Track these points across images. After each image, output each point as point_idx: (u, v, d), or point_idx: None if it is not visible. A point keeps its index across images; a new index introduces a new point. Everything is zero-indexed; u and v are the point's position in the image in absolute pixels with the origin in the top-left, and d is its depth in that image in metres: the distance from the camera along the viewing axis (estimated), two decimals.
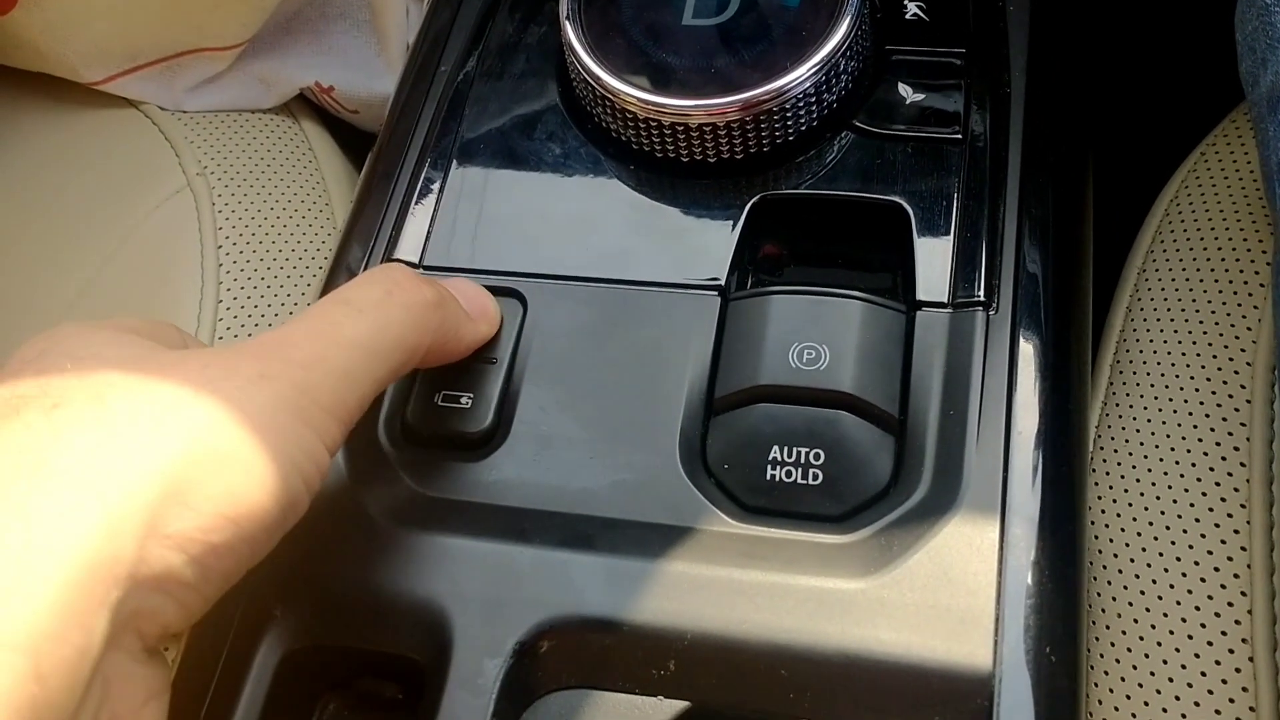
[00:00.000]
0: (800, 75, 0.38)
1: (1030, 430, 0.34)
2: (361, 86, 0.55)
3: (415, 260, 0.40)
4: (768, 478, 0.34)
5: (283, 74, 0.54)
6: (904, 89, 0.40)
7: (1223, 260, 0.41)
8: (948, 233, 0.37)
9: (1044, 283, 0.36)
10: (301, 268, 0.49)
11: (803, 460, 0.34)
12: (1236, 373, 0.38)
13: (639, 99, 0.38)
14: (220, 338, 0.46)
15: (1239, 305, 0.39)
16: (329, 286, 0.40)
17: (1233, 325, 0.39)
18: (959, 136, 0.39)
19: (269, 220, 0.50)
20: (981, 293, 0.36)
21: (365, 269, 0.40)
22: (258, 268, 0.48)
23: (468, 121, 0.43)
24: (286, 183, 0.51)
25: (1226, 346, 0.38)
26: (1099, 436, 0.40)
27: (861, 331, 0.35)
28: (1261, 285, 0.39)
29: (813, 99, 0.39)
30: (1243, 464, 0.36)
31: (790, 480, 0.34)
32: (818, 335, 0.35)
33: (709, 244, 0.38)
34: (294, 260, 0.49)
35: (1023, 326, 0.35)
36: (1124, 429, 0.39)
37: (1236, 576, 0.34)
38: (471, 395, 0.36)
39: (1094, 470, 0.39)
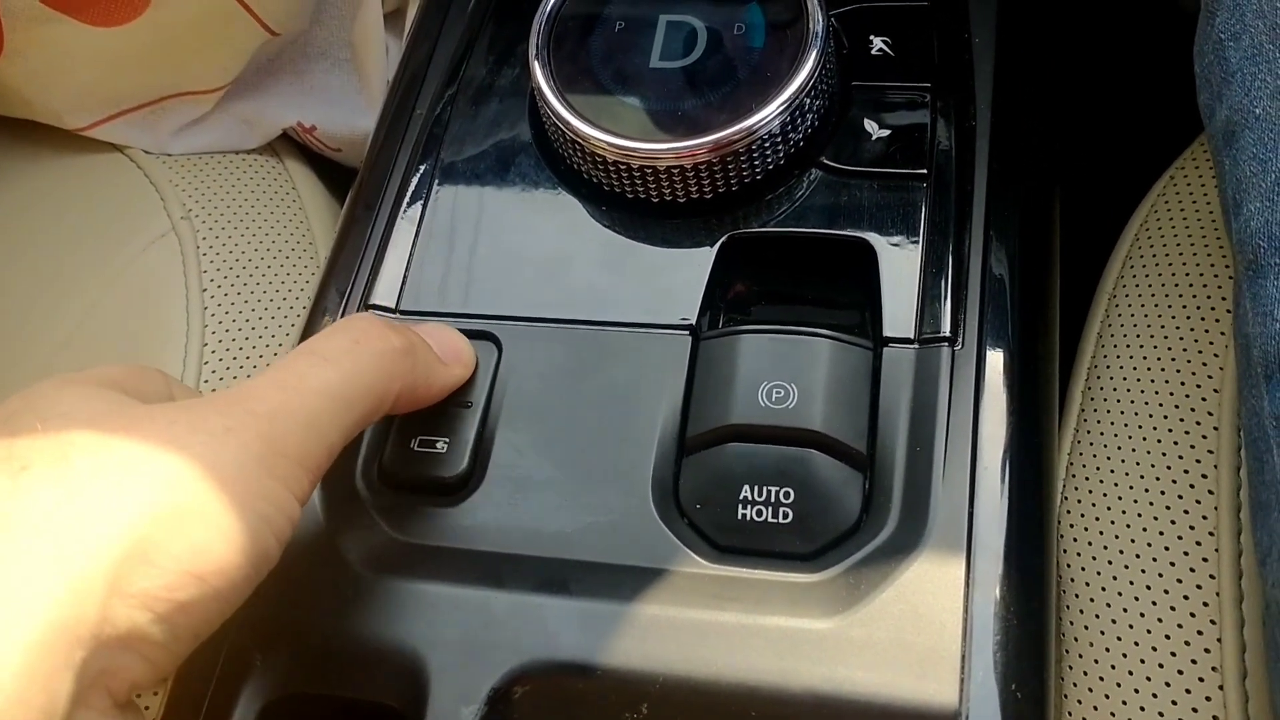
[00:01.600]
0: (766, 115, 0.39)
1: (996, 465, 0.34)
2: (344, 125, 0.56)
3: (392, 305, 0.40)
4: (739, 517, 0.34)
5: (265, 115, 0.55)
6: (870, 125, 0.41)
7: (1190, 286, 0.41)
8: (914, 269, 0.38)
9: (1009, 317, 0.37)
10: (286, 308, 0.49)
11: (773, 499, 0.35)
12: (1204, 399, 0.38)
13: (608, 143, 0.39)
14: (206, 381, 0.47)
15: (1206, 332, 0.40)
16: (307, 333, 0.41)
17: (1200, 353, 0.39)
18: (924, 172, 0.39)
19: (253, 261, 0.50)
20: (947, 328, 0.36)
21: (343, 314, 0.41)
22: (242, 309, 0.49)
23: (443, 164, 0.43)
24: (271, 223, 0.52)
25: (1194, 374, 0.39)
26: (1070, 465, 0.40)
27: (829, 369, 0.36)
28: (1228, 312, 0.39)
29: (779, 138, 0.39)
30: (1210, 491, 0.36)
31: (761, 519, 0.34)
32: (786, 374, 0.36)
33: (680, 284, 0.39)
34: (278, 301, 0.49)
35: (987, 362, 0.36)
36: (1095, 456, 0.39)
37: (1205, 605, 0.35)
38: (447, 440, 0.37)
39: (1065, 499, 0.39)
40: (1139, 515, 0.37)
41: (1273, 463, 0.31)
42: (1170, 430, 0.38)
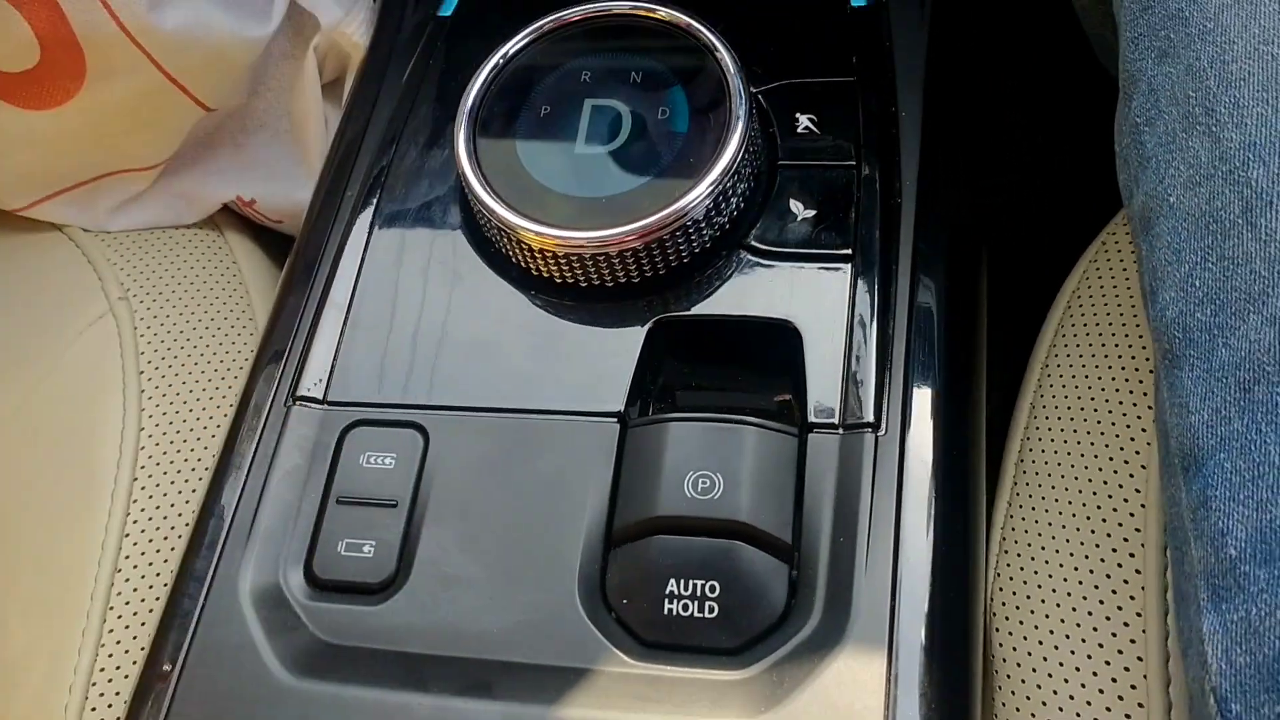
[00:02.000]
0: (692, 201, 0.39)
1: (919, 557, 0.34)
2: (283, 197, 0.55)
3: (320, 396, 0.40)
4: (665, 612, 0.34)
5: (204, 190, 0.54)
6: (796, 205, 0.41)
7: (1120, 359, 0.41)
8: (839, 352, 0.38)
9: (933, 401, 0.37)
10: (224, 388, 0.49)
11: (699, 593, 0.34)
12: (1132, 475, 0.38)
13: (534, 231, 0.39)
14: (143, 467, 0.46)
15: (1135, 405, 0.40)
16: (236, 426, 0.41)
17: (1129, 427, 0.39)
18: (848, 253, 0.39)
19: (191, 341, 0.50)
20: (871, 414, 0.36)
21: (271, 407, 0.40)
22: (180, 391, 0.48)
23: (372, 248, 0.43)
24: (210, 300, 0.52)
25: (1123, 449, 0.39)
26: (1004, 539, 0.40)
27: (754, 458, 0.36)
28: None
29: (704, 223, 0.39)
30: (1138, 571, 0.36)
31: (687, 614, 0.34)
32: (712, 463, 0.36)
33: (608, 369, 0.39)
34: (216, 380, 0.49)
35: (910, 448, 0.36)
36: (1027, 532, 0.39)
37: (1134, 688, 0.35)
38: (374, 541, 0.36)
39: (999, 574, 0.39)
40: (1069, 595, 0.37)
41: (1190, 555, 0.31)
42: (1099, 507, 0.38)
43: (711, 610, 0.34)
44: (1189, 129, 0.32)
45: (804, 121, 0.42)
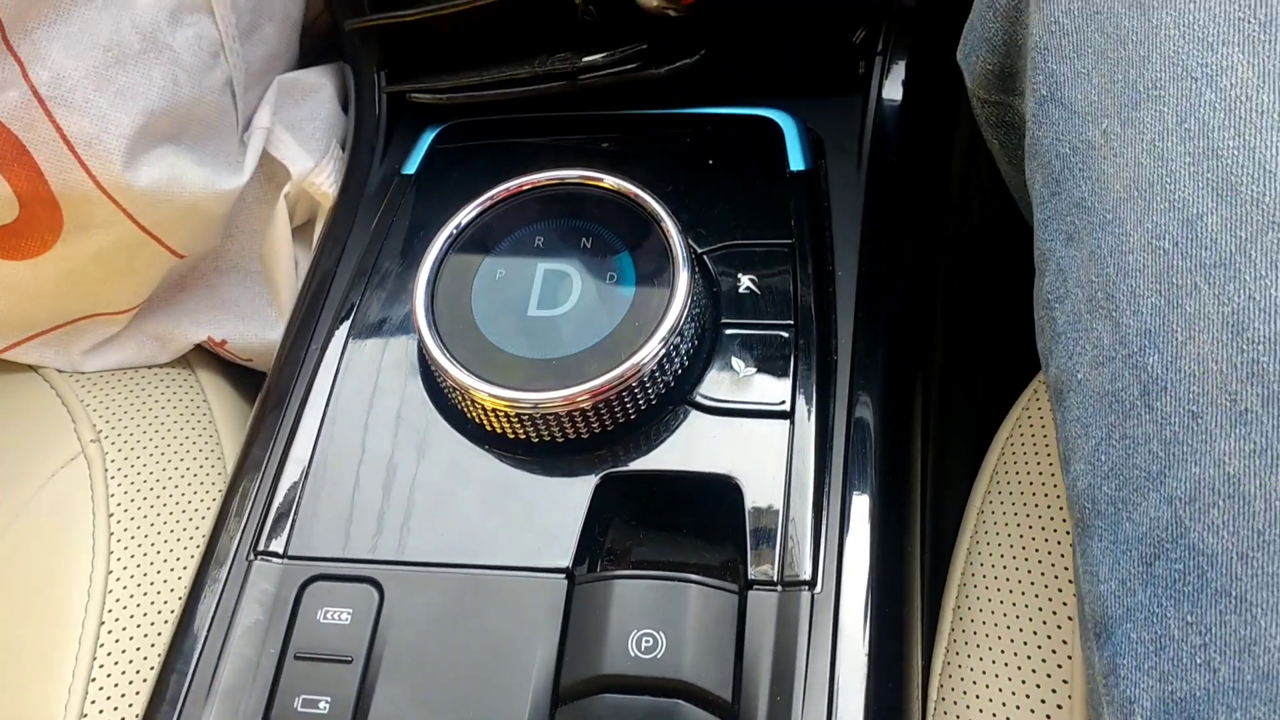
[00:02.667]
0: (639, 361, 0.41)
1: (852, 713, 0.35)
2: (254, 337, 0.57)
3: (280, 550, 0.41)
4: None
5: (177, 331, 0.56)
6: (737, 363, 0.43)
7: (1050, 507, 0.43)
8: (777, 510, 0.39)
9: (868, 558, 0.39)
10: (192, 529, 0.50)
11: None
12: (1060, 627, 0.40)
13: (487, 392, 0.41)
14: (109, 610, 0.48)
15: (1063, 555, 0.41)
16: (200, 580, 0.42)
17: (1056, 578, 0.41)
18: (787, 410, 0.41)
19: (161, 483, 0.51)
20: (807, 572, 0.38)
21: (233, 561, 0.42)
22: (149, 533, 0.50)
23: (335, 400, 0.45)
24: (180, 440, 0.53)
25: (1051, 600, 0.41)
26: (942, 686, 0.41)
27: (696, 616, 0.37)
28: None
29: (648, 383, 0.41)
30: None
31: None
32: (656, 621, 0.37)
33: (557, 525, 0.40)
34: (185, 523, 0.50)
35: (844, 606, 0.37)
36: (963, 679, 0.41)
37: None
38: (329, 698, 0.38)
39: None
40: None
41: (1103, 717, 0.32)
42: (1030, 657, 0.40)
43: None
44: (1093, 311, 0.35)
45: (745, 282, 0.44)
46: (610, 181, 0.45)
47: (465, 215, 0.45)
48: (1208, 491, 0.30)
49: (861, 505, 0.40)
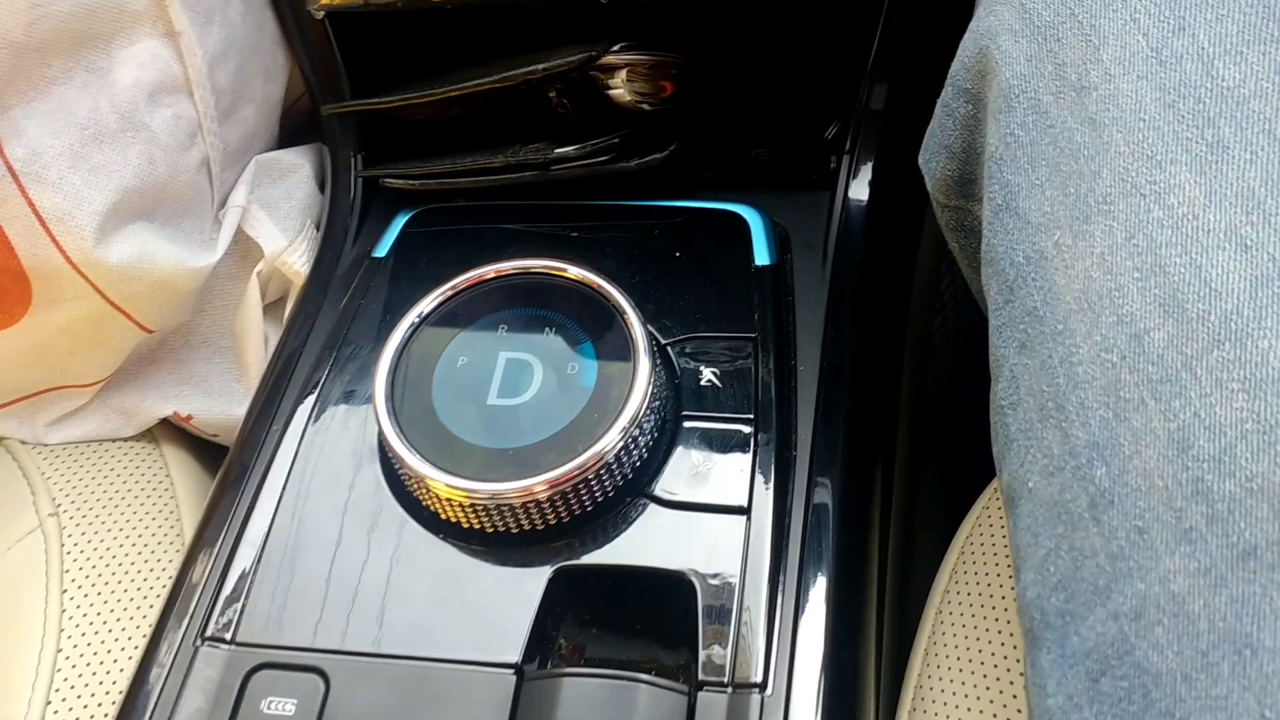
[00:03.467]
0: (595, 454, 0.40)
1: None
2: (220, 413, 0.57)
3: (228, 637, 0.41)
4: None
5: (143, 405, 0.56)
6: (697, 457, 0.43)
7: (1006, 610, 0.43)
8: (730, 609, 0.39)
9: (820, 661, 0.38)
10: (145, 608, 0.50)
11: None
12: None
13: (443, 482, 0.41)
14: (57, 690, 0.47)
15: (1018, 661, 0.41)
16: (146, 664, 0.41)
17: (1012, 683, 0.41)
18: (744, 507, 0.41)
19: (117, 558, 0.51)
20: (758, 674, 0.38)
21: (180, 645, 0.41)
22: (101, 610, 0.49)
23: (292, 482, 0.45)
24: (139, 515, 0.53)
25: (1005, 706, 0.40)
26: None
27: (645, 717, 0.37)
28: None
29: (605, 476, 0.41)
30: None
31: None
32: None
33: (507, 619, 0.40)
34: (139, 600, 0.50)
35: (794, 710, 0.37)
36: None
37: None
38: None
39: None
40: None
41: None
42: None
43: None
44: (1043, 420, 0.35)
45: (707, 375, 0.45)
46: (574, 272, 0.45)
47: (429, 303, 0.45)
48: (1153, 609, 0.30)
49: (816, 606, 0.39)
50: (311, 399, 0.47)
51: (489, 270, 0.46)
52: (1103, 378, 0.33)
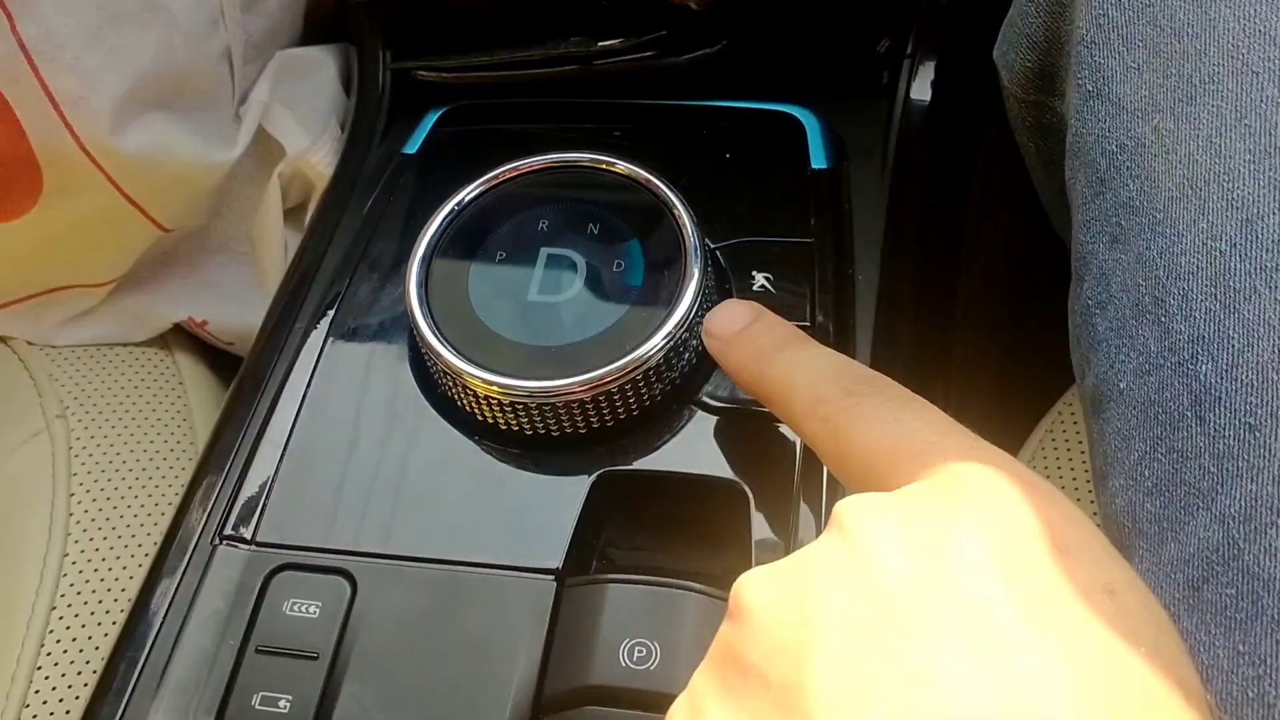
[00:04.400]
0: (644, 354, 0.38)
1: None
2: (236, 319, 0.55)
3: (248, 536, 0.39)
4: None
5: (156, 309, 0.54)
6: None
7: None
8: (786, 517, 0.37)
9: None
10: (157, 515, 0.48)
11: None
12: None
13: (480, 378, 0.38)
14: (63, 595, 0.45)
15: None
16: (159, 564, 0.39)
17: None
18: None
19: (127, 464, 0.49)
20: None
21: (196, 545, 0.39)
22: (110, 516, 0.47)
23: (317, 383, 0.42)
24: (151, 422, 0.51)
25: None
26: None
27: (694, 627, 0.34)
28: None
29: (655, 376, 0.38)
30: None
31: None
32: (650, 630, 0.34)
33: (548, 523, 0.38)
34: (150, 508, 0.48)
35: None
36: None
37: None
38: (290, 697, 0.35)
39: None
40: None
41: None
42: None
43: None
44: (1139, 317, 0.32)
45: (760, 279, 0.42)
46: (622, 166, 0.42)
47: (468, 193, 0.43)
48: (1265, 510, 0.28)
49: None
50: (336, 300, 0.45)
51: (532, 162, 0.43)
52: (1209, 267, 0.30)
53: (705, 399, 0.40)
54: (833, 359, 0.32)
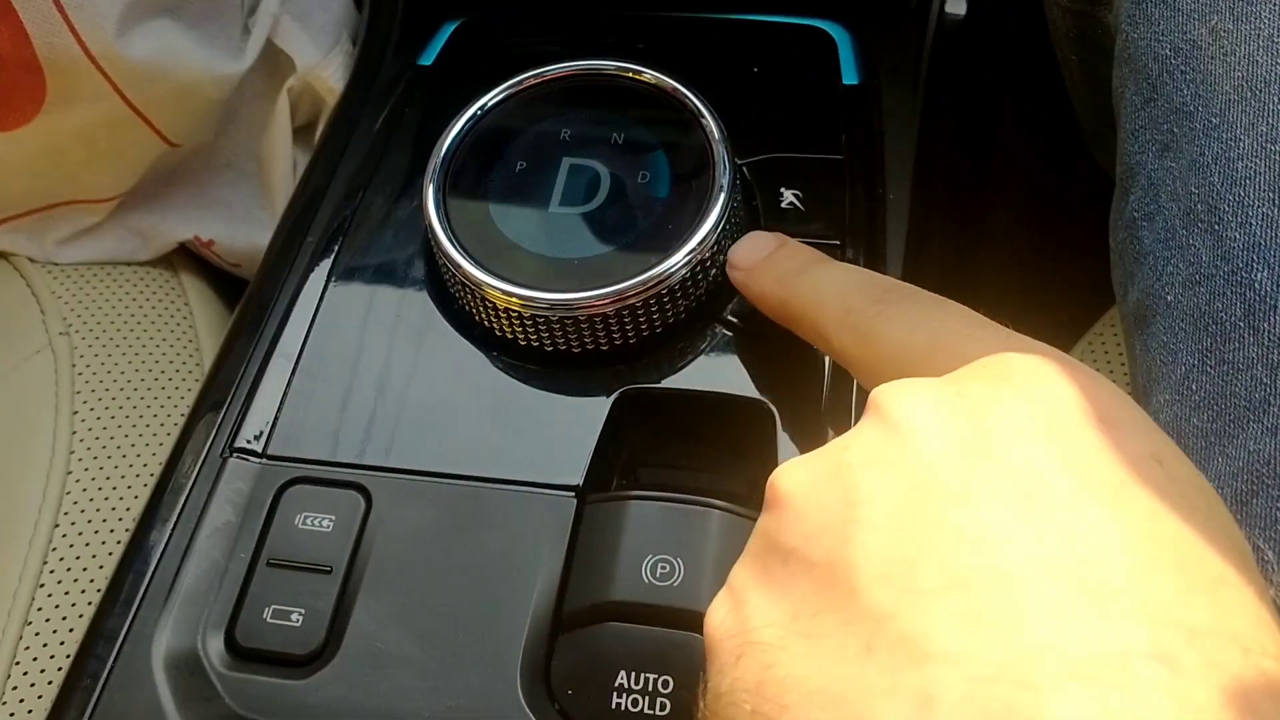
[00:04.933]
0: (668, 269, 0.37)
1: None
2: (243, 239, 0.53)
3: (259, 450, 0.37)
4: (613, 706, 0.32)
5: (161, 227, 0.52)
6: None
7: None
8: (811, 437, 0.36)
9: None
10: (162, 434, 0.47)
11: (651, 687, 0.32)
12: None
13: (500, 289, 0.37)
14: (66, 513, 0.44)
15: None
16: (167, 476, 0.38)
17: None
18: None
19: (132, 383, 0.47)
20: None
21: (206, 458, 0.38)
22: (115, 435, 0.46)
23: (329, 297, 0.41)
24: (156, 341, 0.49)
25: None
26: None
27: (718, 545, 0.33)
28: None
29: (680, 293, 0.37)
30: None
31: (637, 709, 0.32)
32: (673, 547, 0.33)
33: (568, 440, 0.36)
34: (155, 426, 0.47)
35: None
36: None
37: None
38: (303, 610, 0.34)
39: None
40: None
41: None
42: None
43: (663, 708, 0.32)
44: (1189, 226, 0.31)
45: (789, 196, 0.41)
46: (649, 75, 0.41)
47: (487, 101, 0.41)
48: None
49: None
50: (349, 214, 0.43)
51: (556, 69, 0.41)
52: (1267, 171, 0.29)
53: (730, 318, 0.38)
54: (860, 273, 0.32)
